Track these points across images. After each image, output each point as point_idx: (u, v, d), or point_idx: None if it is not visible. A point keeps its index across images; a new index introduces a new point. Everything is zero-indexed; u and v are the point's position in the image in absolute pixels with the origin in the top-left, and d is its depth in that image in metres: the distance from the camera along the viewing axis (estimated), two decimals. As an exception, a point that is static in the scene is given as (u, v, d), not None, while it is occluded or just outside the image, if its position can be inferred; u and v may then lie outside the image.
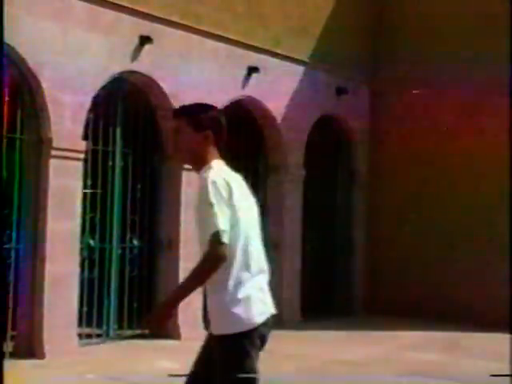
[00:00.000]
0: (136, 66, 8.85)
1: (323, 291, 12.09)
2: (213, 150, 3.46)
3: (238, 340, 3.19)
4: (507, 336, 10.07)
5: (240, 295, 3.21)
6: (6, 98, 7.22)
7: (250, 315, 3.20)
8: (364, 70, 12.39)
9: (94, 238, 8.84)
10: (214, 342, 3.28)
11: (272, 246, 10.83)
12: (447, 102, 11.79)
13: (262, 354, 3.38)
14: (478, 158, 11.41)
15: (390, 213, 12.28)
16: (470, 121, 11.55)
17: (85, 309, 8.53)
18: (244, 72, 10.20)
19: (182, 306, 10.01)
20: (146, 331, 3.30)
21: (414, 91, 11.92)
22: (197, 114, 3.51)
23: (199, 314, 9.40)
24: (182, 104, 3.54)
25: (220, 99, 9.86)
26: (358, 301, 12.31)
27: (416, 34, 12.15)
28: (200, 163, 3.43)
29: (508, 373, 7.80)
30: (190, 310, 9.31)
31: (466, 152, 11.53)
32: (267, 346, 3.42)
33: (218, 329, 3.24)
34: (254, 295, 3.23)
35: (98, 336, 8.82)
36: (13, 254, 7.98)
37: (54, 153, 7.96)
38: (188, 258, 9.38)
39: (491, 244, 11.16)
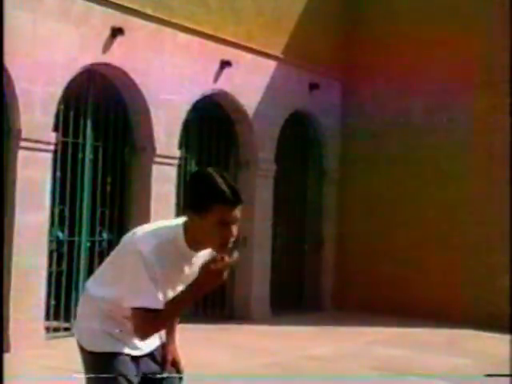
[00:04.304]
0: (107, 58, 8.77)
1: (293, 287, 12.12)
2: None
3: None
4: (473, 332, 10.22)
5: None
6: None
7: None
8: (336, 66, 12.42)
9: (62, 231, 8.77)
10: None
11: (242, 240, 10.86)
12: (418, 100, 11.87)
13: (232, 349, 3.41)
14: (448, 156, 11.52)
15: (360, 209, 12.34)
16: (440, 117, 11.65)
17: (52, 302, 8.46)
18: (216, 66, 10.17)
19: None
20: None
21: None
22: None
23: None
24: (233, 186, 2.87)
25: (192, 93, 9.85)
26: (328, 296, 12.37)
27: (389, 31, 12.19)
28: None
29: (478, 369, 7.92)
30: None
31: (436, 150, 11.63)
32: (238, 341, 3.43)
33: None
34: None
35: (66, 329, 8.74)
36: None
37: (23, 144, 7.86)
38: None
39: (460, 241, 11.27)
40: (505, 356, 8.20)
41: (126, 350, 3.09)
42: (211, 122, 10.77)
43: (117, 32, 8.74)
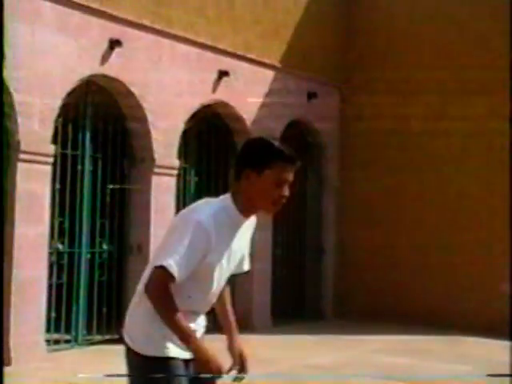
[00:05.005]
0: (105, 70, 8.78)
1: (294, 295, 12.10)
2: None
3: None
4: (475, 339, 10.19)
5: None
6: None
7: None
8: (334, 74, 12.44)
9: (62, 243, 8.75)
10: None
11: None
12: (416, 107, 11.87)
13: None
14: (447, 161, 11.53)
15: (360, 216, 12.33)
16: (438, 124, 11.65)
17: (53, 314, 8.44)
18: (214, 76, 10.18)
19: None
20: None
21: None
22: None
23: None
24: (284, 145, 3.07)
25: (190, 103, 9.86)
26: (329, 305, 12.34)
27: (386, 39, 12.23)
28: None
29: (476, 374, 7.89)
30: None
31: (435, 156, 11.64)
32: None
33: None
34: None
35: (67, 341, 8.72)
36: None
37: (21, 156, 7.86)
38: (158, 263, 9.33)
39: (460, 248, 11.26)
40: (506, 362, 8.18)
41: (179, 353, 3.02)
42: (210, 132, 10.78)
43: (115, 43, 8.75)
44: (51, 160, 8.21)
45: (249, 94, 10.76)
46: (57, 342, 8.60)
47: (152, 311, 2.96)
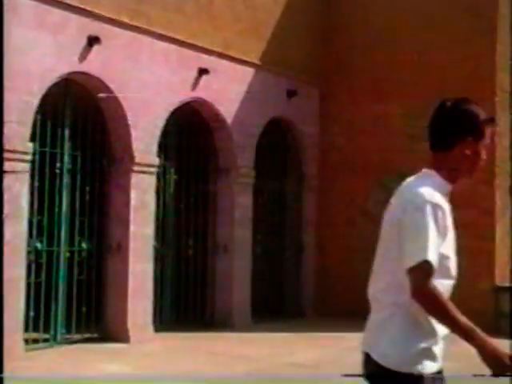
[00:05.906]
0: (84, 67, 8.74)
1: (273, 293, 12.11)
2: None
3: None
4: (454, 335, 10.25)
5: None
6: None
7: None
8: (314, 72, 12.47)
9: (41, 241, 8.70)
10: None
11: (222, 247, 10.85)
12: (396, 104, 11.92)
13: (214, 356, 3.36)
14: (426, 160, 11.56)
15: (339, 215, 12.37)
16: (418, 124, 11.69)
17: (31, 313, 8.38)
18: (194, 74, 10.17)
19: (130, 308, 9.85)
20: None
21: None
22: None
23: (148, 317, 9.32)
24: None
25: (170, 101, 9.83)
26: (310, 302, 12.37)
27: (365, 38, 12.27)
28: None
29: (458, 372, 7.94)
30: (138, 313, 9.24)
31: (414, 155, 11.68)
32: (219, 349, 3.39)
33: None
34: None
35: (46, 341, 8.68)
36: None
37: (-1, 154, 7.80)
38: (137, 261, 9.31)
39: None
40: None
41: (433, 367, 2.90)
42: (190, 130, 10.76)
43: (93, 41, 8.71)
44: (30, 158, 8.16)
45: (228, 92, 10.76)
46: (35, 341, 8.55)
47: (411, 324, 2.80)
